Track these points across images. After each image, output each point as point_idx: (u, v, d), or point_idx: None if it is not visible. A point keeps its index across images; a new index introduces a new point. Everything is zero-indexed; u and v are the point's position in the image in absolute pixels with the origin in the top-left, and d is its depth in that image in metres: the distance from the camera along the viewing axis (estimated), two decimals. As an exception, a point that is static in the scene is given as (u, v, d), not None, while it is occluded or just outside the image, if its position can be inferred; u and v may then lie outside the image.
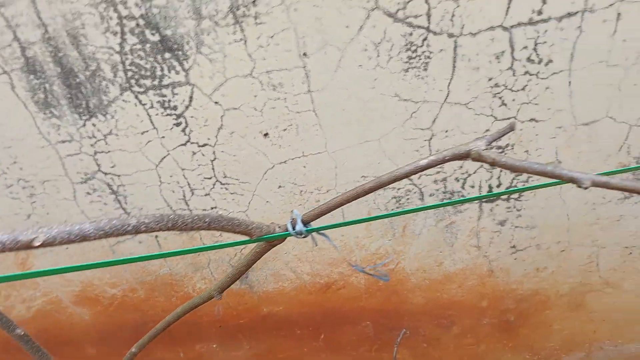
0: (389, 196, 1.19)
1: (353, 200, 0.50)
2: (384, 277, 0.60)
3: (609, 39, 0.91)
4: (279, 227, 0.55)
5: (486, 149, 0.44)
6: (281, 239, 0.56)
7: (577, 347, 1.59)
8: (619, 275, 1.36)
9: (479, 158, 0.44)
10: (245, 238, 0.53)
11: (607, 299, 1.44)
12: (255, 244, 0.61)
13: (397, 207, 1.21)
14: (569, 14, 0.89)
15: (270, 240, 0.56)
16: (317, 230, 0.55)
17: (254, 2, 0.87)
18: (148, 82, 0.96)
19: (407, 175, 0.47)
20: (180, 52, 0.92)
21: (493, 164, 0.44)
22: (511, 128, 0.44)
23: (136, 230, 0.40)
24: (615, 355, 1.61)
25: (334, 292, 1.42)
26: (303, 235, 0.55)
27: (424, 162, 0.46)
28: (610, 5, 0.87)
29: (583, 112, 1.02)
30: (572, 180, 0.42)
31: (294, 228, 0.54)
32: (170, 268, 1.32)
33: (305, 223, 0.55)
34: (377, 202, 1.20)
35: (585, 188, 0.41)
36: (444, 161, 0.45)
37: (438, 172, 1.14)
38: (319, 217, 0.53)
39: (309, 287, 1.40)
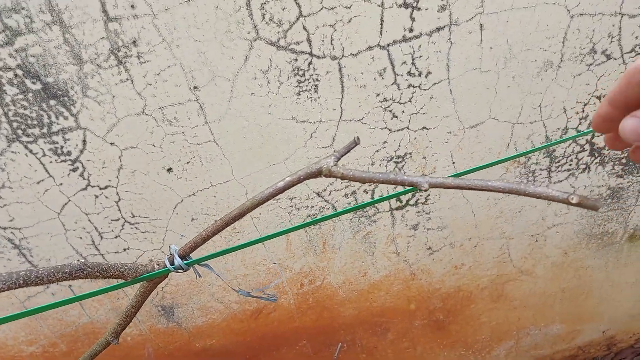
0: (304, 215, 1.21)
1: (224, 229, 0.51)
2: (272, 298, 0.61)
3: (478, 47, 0.99)
4: (158, 264, 0.56)
5: (335, 165, 0.47)
6: (164, 275, 0.57)
7: (506, 336, 1.67)
8: (530, 262, 1.45)
9: (329, 174, 0.47)
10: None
11: (524, 286, 1.52)
12: (140, 285, 0.60)
13: (314, 225, 1.23)
14: (438, 29, 0.95)
15: (150, 280, 0.56)
16: (197, 262, 0.56)
17: (134, 42, 0.87)
18: (36, 131, 0.93)
19: (268, 198, 0.48)
20: (66, 98, 0.91)
21: (343, 178, 0.47)
22: (355, 143, 0.47)
23: None
24: (541, 338, 1.70)
25: (265, 317, 1.42)
26: (183, 270, 0.55)
27: (281, 184, 0.48)
28: (472, 17, 0.95)
29: (468, 116, 1.09)
30: (412, 184, 0.45)
31: (172, 263, 0.54)
32: (90, 316, 1.27)
33: (184, 256, 0.55)
34: (293, 221, 1.22)
35: (425, 190, 0.45)
36: (299, 181, 0.48)
37: (347, 187, 1.17)
38: (194, 249, 0.54)
39: (240, 316, 1.39)
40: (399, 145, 1.11)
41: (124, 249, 1.15)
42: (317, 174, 0.47)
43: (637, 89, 0.34)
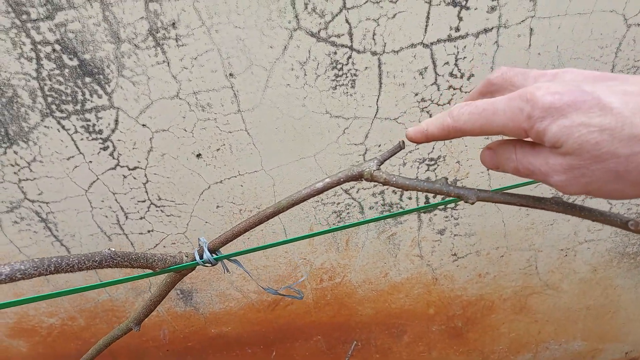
0: (330, 211, 1.19)
1: (257, 225, 0.50)
2: (298, 296, 0.60)
3: (525, 52, 0.95)
4: (187, 256, 0.54)
5: (377, 169, 0.45)
6: (190, 267, 0.55)
7: (524, 349, 1.63)
8: (557, 276, 1.41)
9: (371, 178, 0.45)
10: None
11: (548, 300, 1.48)
12: (167, 275, 0.59)
13: (339, 222, 1.21)
14: (485, 30, 0.91)
15: (178, 271, 0.55)
16: (227, 257, 0.54)
17: (173, 24, 0.86)
18: (70, 107, 0.93)
19: (304, 198, 0.46)
20: (101, 76, 0.90)
21: (385, 183, 0.44)
22: (400, 147, 0.45)
23: (11, 279, 0.38)
24: (561, 353, 1.66)
25: (282, 309, 1.41)
26: (212, 264, 0.54)
27: (319, 185, 0.46)
28: (522, 21, 0.91)
29: (508, 123, 1.05)
30: (459, 196, 0.43)
31: (201, 257, 0.53)
32: (110, 294, 1.28)
33: (213, 250, 0.54)
34: (318, 217, 1.20)
35: (472, 203, 0.42)
36: (339, 183, 0.46)
37: (375, 185, 1.15)
38: (225, 244, 0.53)
39: (257, 305, 1.38)
40: (433, 148, 1.08)
41: (148, 231, 1.15)
42: (359, 177, 0.45)
43: (452, 137, 0.39)
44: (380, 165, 0.46)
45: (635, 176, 0.31)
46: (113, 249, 0.44)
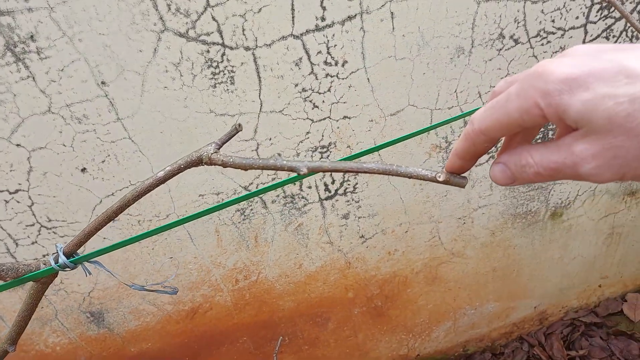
0: (233, 209, 1.20)
1: (107, 223, 0.49)
2: (172, 292, 0.60)
3: (390, 35, 1.00)
4: (44, 263, 0.53)
5: (215, 152, 0.46)
6: (53, 275, 0.54)
7: (443, 317, 1.72)
8: (460, 244, 1.50)
9: (210, 162, 0.46)
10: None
11: (457, 268, 1.57)
12: (29, 286, 0.58)
13: (243, 219, 1.22)
14: (350, 17, 0.96)
15: (38, 279, 0.53)
16: (85, 259, 0.53)
17: (32, 37, 0.83)
18: None
19: (149, 189, 0.47)
20: (-40, 98, 0.85)
21: (224, 165, 0.46)
22: (237, 129, 0.47)
23: None
24: (477, 317, 1.76)
25: (202, 316, 1.39)
26: (70, 268, 0.53)
27: (161, 174, 0.46)
28: (382, 5, 0.96)
29: (388, 104, 1.11)
30: (291, 169, 0.45)
31: (56, 262, 0.52)
32: (11, 328, 1.21)
33: (70, 254, 0.53)
34: (222, 217, 1.20)
35: (304, 175, 0.44)
36: (180, 169, 0.47)
37: (274, 179, 1.17)
38: (80, 246, 0.52)
39: (175, 317, 1.36)
40: (323, 135, 1.12)
41: (43, 255, 1.10)
42: (198, 162, 0.46)
43: (481, 147, 0.36)
44: (219, 149, 0.47)
45: None
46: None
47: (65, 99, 0.91)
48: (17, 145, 0.94)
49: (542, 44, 1.10)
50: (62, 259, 0.51)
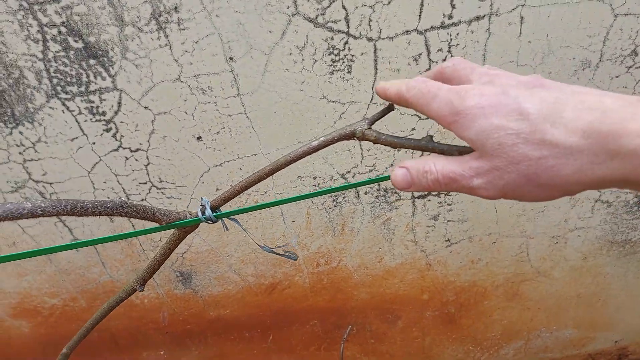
0: (326, 196, 1.22)
1: (257, 183, 0.52)
2: (293, 256, 0.63)
3: (516, 40, 0.98)
4: (190, 214, 0.57)
5: (368, 128, 0.48)
6: (194, 225, 0.58)
7: (516, 336, 1.66)
8: (549, 264, 1.44)
9: (362, 137, 0.48)
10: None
11: (540, 287, 1.51)
12: (172, 232, 0.62)
13: (335, 206, 1.24)
14: (477, 18, 0.94)
15: (182, 228, 0.58)
16: (226, 215, 0.57)
17: (175, 8, 0.88)
18: (74, 89, 0.96)
19: (301, 156, 0.49)
20: (105, 59, 0.93)
21: (375, 141, 0.47)
22: (390, 108, 0.48)
23: (32, 214, 0.41)
24: (552, 341, 1.69)
25: (279, 293, 1.44)
26: (213, 221, 0.56)
27: (315, 143, 0.49)
28: (513, 9, 0.94)
29: (500, 110, 1.08)
30: (442, 152, 0.45)
31: (203, 214, 0.56)
32: (111, 275, 1.31)
33: (215, 208, 0.57)
34: (315, 201, 1.23)
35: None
36: (333, 141, 0.48)
37: (371, 171, 1.18)
38: (227, 202, 0.55)
39: (255, 289, 1.41)
40: (427, 133, 1.11)
41: (149, 213, 1.18)
42: (351, 135, 0.48)
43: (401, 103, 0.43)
44: (371, 125, 0.49)
45: (545, 179, 0.33)
46: (124, 199, 0.47)
47: (195, 70, 0.96)
48: (145, 107, 1.01)
49: (681, 66, 1.03)
50: (209, 212, 0.54)
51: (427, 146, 0.45)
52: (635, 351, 1.79)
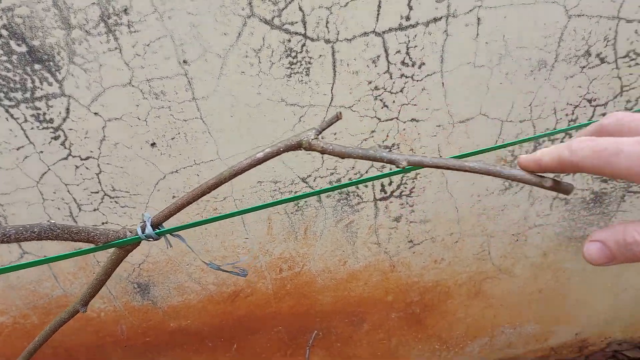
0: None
1: (200, 197, 0.50)
2: (242, 273, 0.60)
3: (473, 41, 0.98)
4: (130, 231, 0.54)
5: (315, 138, 0.46)
6: (135, 243, 0.55)
7: (480, 333, 1.69)
8: (510, 261, 1.46)
9: (309, 147, 0.46)
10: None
11: (502, 285, 1.54)
12: (111, 251, 0.59)
13: (297, 210, 1.22)
14: (435, 19, 0.95)
15: (122, 247, 0.55)
16: (169, 232, 0.54)
17: (125, 10, 0.85)
18: (19, 95, 0.91)
19: (246, 168, 0.47)
20: (51, 63, 0.88)
21: (322, 151, 0.46)
22: (337, 117, 0.47)
23: None
24: (515, 336, 1.72)
25: (242, 300, 1.41)
26: (154, 239, 0.54)
27: (260, 155, 0.47)
28: (470, 10, 0.94)
29: (459, 111, 1.09)
30: (391, 161, 0.44)
31: (143, 231, 0.53)
32: (64, 289, 1.25)
33: (157, 225, 0.54)
34: (277, 207, 1.21)
35: (403, 168, 0.44)
36: (278, 152, 0.47)
37: (332, 174, 1.17)
38: (169, 218, 0.53)
39: (216, 297, 1.38)
40: (387, 135, 1.11)
41: (102, 223, 1.13)
42: (297, 146, 0.46)
43: (563, 171, 0.37)
44: (318, 135, 0.47)
45: None
46: (53, 221, 0.44)
47: (147, 73, 0.93)
48: (95, 113, 0.96)
49: (630, 66, 1.06)
50: (149, 229, 0.52)
51: (375, 156, 0.44)
52: (595, 342, 1.84)
